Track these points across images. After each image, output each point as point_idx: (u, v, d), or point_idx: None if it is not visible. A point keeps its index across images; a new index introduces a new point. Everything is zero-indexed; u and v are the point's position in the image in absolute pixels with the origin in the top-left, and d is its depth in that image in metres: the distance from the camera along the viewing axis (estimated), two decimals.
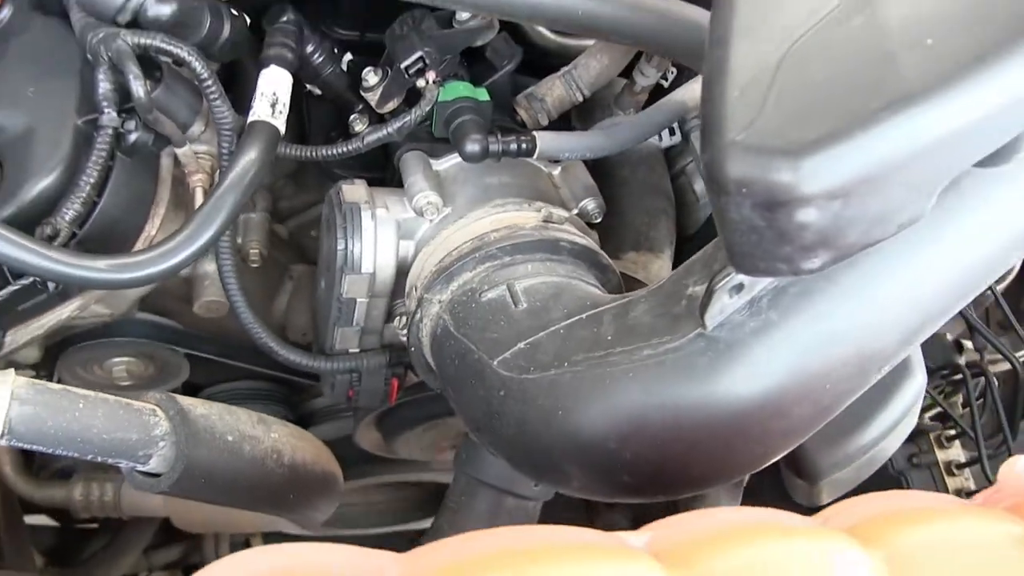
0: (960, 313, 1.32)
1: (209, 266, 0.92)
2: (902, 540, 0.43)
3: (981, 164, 0.60)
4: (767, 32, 0.55)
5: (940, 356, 1.37)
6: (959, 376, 1.32)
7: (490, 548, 0.38)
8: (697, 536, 0.42)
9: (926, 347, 1.43)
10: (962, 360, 1.37)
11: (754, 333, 0.62)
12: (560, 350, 0.68)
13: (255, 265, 0.98)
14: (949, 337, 1.40)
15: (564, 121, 0.97)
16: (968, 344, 1.39)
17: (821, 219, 0.51)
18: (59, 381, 0.78)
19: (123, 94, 0.72)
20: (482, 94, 0.84)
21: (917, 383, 0.85)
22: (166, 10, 0.74)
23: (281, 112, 0.78)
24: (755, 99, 0.52)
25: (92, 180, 0.71)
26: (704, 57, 0.57)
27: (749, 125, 0.52)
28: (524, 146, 0.80)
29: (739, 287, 0.61)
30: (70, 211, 0.69)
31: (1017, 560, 0.43)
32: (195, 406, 0.69)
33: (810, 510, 0.56)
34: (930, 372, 1.35)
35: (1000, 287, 1.45)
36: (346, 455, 0.96)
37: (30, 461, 1.14)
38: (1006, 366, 1.33)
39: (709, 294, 0.61)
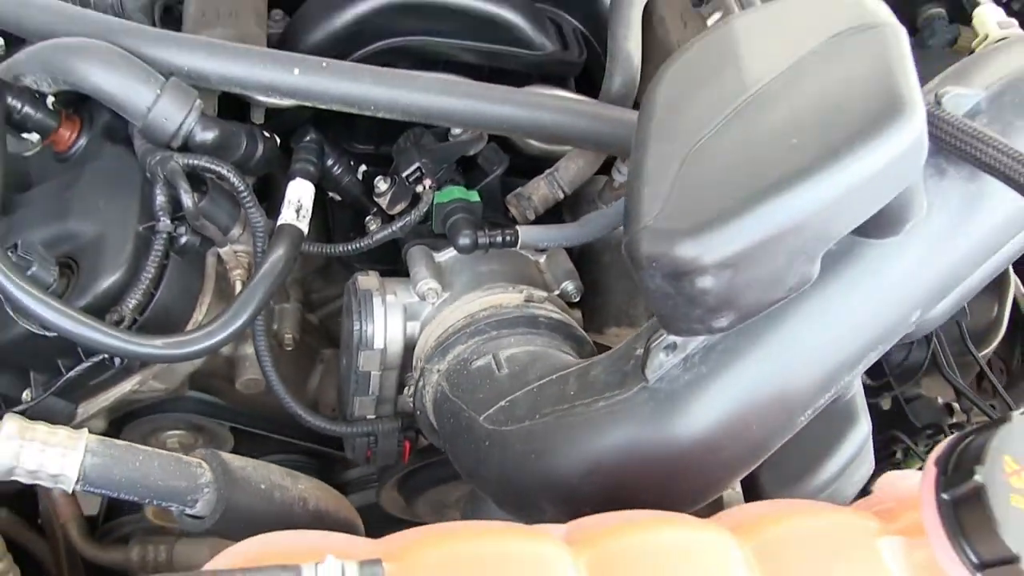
0: (945, 377, 1.43)
1: (248, 348, 1.07)
2: (770, 531, 0.55)
3: (874, 236, 0.73)
4: (674, 137, 0.70)
5: (930, 417, 1.46)
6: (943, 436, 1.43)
7: (433, 531, 0.51)
8: (603, 526, 0.54)
9: (918, 409, 1.53)
10: (951, 421, 1.47)
11: (688, 385, 0.75)
12: (533, 405, 0.81)
13: (289, 348, 1.13)
14: (940, 400, 1.50)
15: (555, 215, 1.12)
16: (957, 407, 1.49)
17: (718, 285, 0.65)
18: None
19: (175, 205, 0.88)
20: (473, 196, 0.99)
21: (862, 430, 0.96)
22: (209, 136, 0.90)
23: (304, 216, 0.93)
24: (662, 192, 0.67)
25: (150, 276, 0.86)
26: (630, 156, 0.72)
27: (657, 213, 0.66)
28: (508, 239, 0.95)
29: (673, 346, 0.74)
30: (132, 301, 0.85)
31: (864, 545, 0.55)
32: (234, 460, 0.83)
33: None
34: (918, 431, 1.46)
35: (988, 351, 1.55)
36: (373, 520, 1.08)
37: (94, 528, 1.28)
38: None
39: (647, 352, 0.75)
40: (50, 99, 0.93)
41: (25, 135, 0.94)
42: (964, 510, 0.52)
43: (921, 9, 1.49)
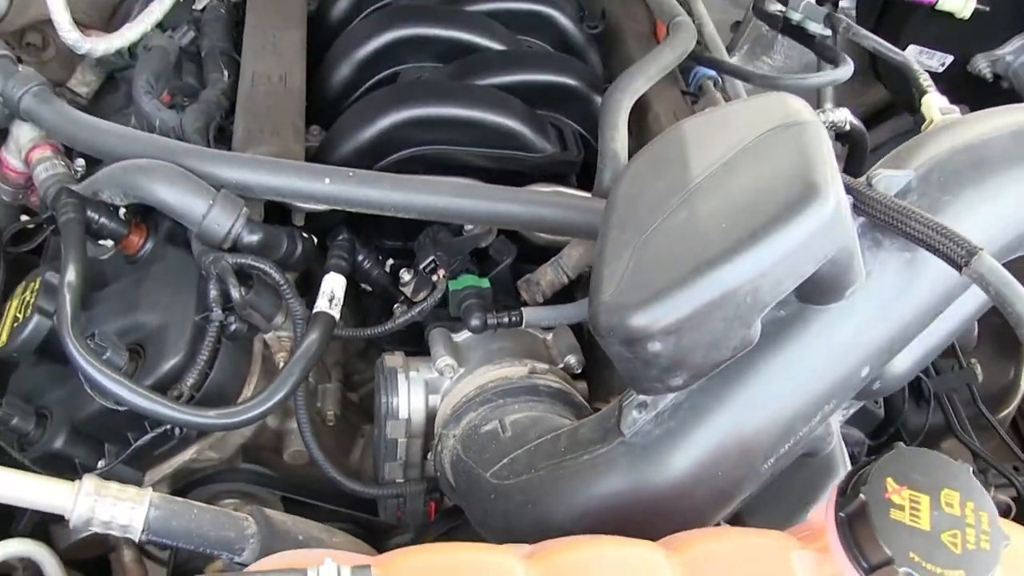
0: (960, 440, 1.50)
1: (294, 423, 1.20)
2: (698, 548, 0.66)
3: (820, 302, 0.85)
4: (630, 227, 0.83)
5: None
6: None
7: (416, 547, 0.63)
8: (558, 543, 0.66)
9: None
10: None
11: (660, 438, 0.86)
12: (530, 461, 0.93)
13: (331, 424, 1.26)
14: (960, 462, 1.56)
15: (566, 296, 1.25)
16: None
17: (666, 349, 0.77)
18: None
19: (226, 297, 1.04)
20: (484, 283, 1.13)
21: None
22: (254, 238, 1.06)
23: (337, 305, 1.08)
24: (619, 272, 0.80)
25: (205, 358, 1.01)
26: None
27: (613, 290, 0.79)
28: (514, 319, 1.09)
29: (644, 404, 0.86)
30: (190, 380, 1.00)
31: (780, 560, 0.66)
32: (276, 515, 0.96)
33: None
34: None
35: (1007, 412, 1.61)
36: None
37: None
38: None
39: (620, 410, 0.87)
40: (122, 210, 1.10)
41: (101, 242, 1.11)
42: (855, 524, 0.63)
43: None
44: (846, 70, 1.26)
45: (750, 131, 0.83)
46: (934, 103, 1.17)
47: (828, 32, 1.28)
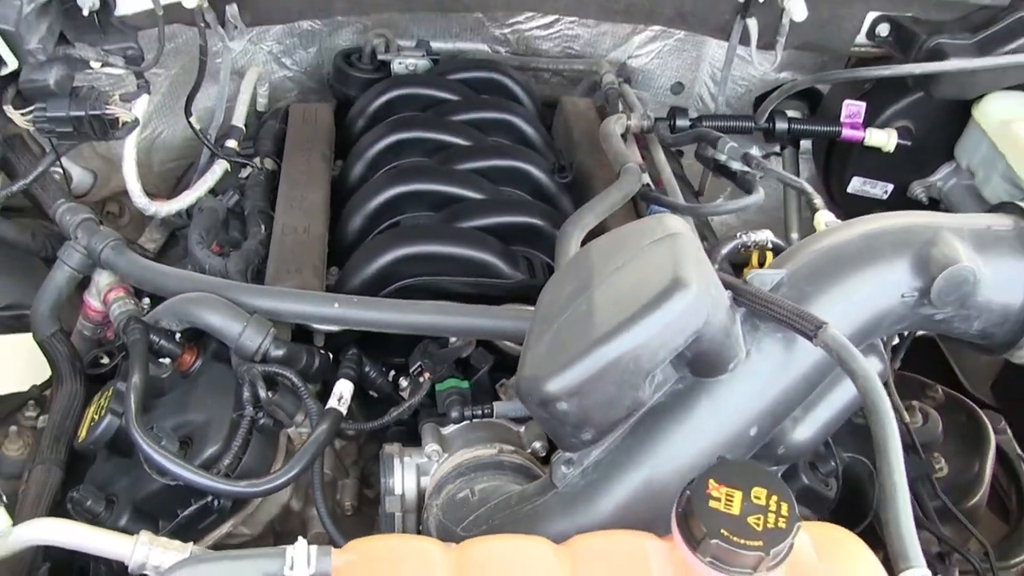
0: (927, 529, 1.67)
1: (315, 511, 1.45)
2: (581, 545, 0.89)
3: (708, 375, 1.09)
4: (547, 319, 1.09)
5: None
6: None
7: (371, 537, 0.86)
8: (473, 540, 0.89)
9: None
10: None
11: (585, 489, 1.09)
12: (490, 516, 1.17)
13: (349, 514, 1.50)
14: (934, 549, 1.71)
15: None
16: None
17: (572, 408, 1.01)
18: None
19: (257, 399, 1.31)
20: (464, 384, 1.39)
21: None
22: (280, 352, 1.34)
23: (344, 403, 1.34)
24: (537, 353, 1.05)
25: (239, 445, 1.28)
26: None
27: (532, 365, 1.04)
28: (486, 412, 1.34)
29: (570, 461, 1.10)
30: (226, 461, 1.26)
31: (639, 552, 0.88)
32: None
33: None
34: None
35: (974, 502, 1.76)
36: None
37: None
38: None
39: (552, 467, 1.11)
40: (178, 335, 1.39)
41: (162, 360, 1.40)
42: (686, 514, 0.85)
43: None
44: (758, 197, 1.54)
45: (637, 243, 1.10)
46: (822, 218, 1.44)
47: (747, 168, 1.57)
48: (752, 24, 1.63)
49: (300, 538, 0.85)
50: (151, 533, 1.12)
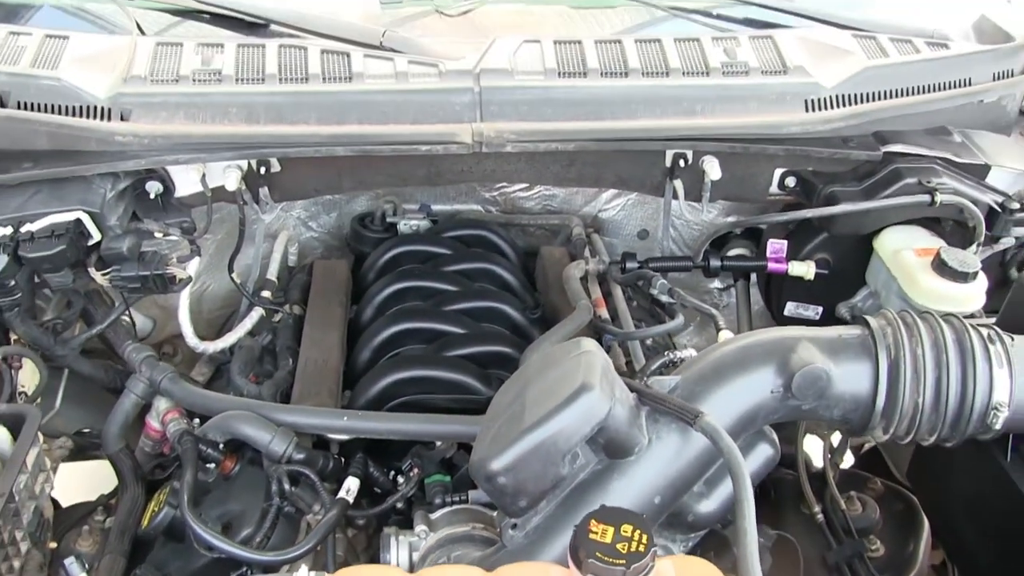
0: None
1: None
2: (504, 571, 1.22)
3: (618, 456, 1.42)
4: (494, 418, 1.44)
5: None
6: None
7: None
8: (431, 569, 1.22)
9: None
10: None
11: (527, 546, 1.41)
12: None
13: None
14: None
15: None
16: None
17: (508, 481, 1.35)
18: None
19: (282, 492, 1.66)
20: (447, 479, 1.74)
21: None
22: (301, 456, 1.70)
23: (351, 494, 1.69)
24: (484, 443, 1.40)
25: (267, 528, 1.63)
26: None
27: (479, 450, 1.39)
28: (462, 499, 1.68)
29: (514, 525, 1.43)
30: (257, 540, 1.61)
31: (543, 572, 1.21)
32: None
33: None
34: None
35: None
36: None
37: None
38: None
39: (501, 530, 1.44)
40: (221, 445, 1.76)
41: (208, 465, 1.76)
42: (575, 544, 1.17)
43: None
44: (679, 321, 1.91)
45: (560, 359, 1.46)
46: (722, 336, 1.79)
47: (673, 300, 1.94)
48: (679, 184, 2.02)
49: (303, 566, 1.20)
50: None
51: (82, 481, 2.20)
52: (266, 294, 2.19)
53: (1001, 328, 1.53)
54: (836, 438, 2.25)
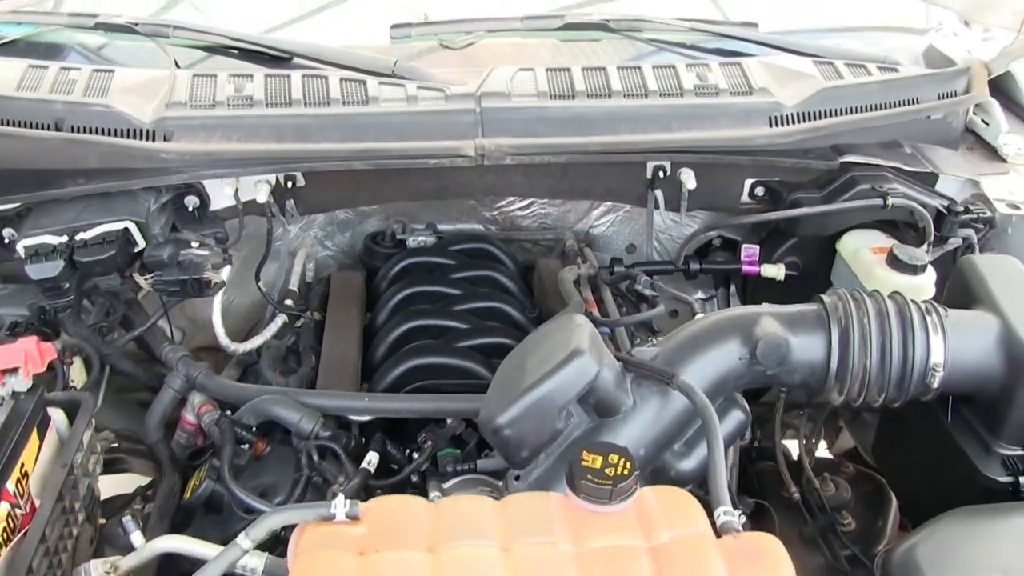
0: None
1: None
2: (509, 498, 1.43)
3: (608, 415, 1.64)
4: (500, 380, 1.65)
5: None
6: None
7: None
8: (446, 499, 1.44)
9: None
10: None
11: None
12: None
13: None
14: None
15: None
16: None
17: (511, 434, 1.57)
18: None
19: (311, 464, 1.87)
20: (457, 452, 1.94)
21: None
22: (327, 434, 1.91)
23: (372, 465, 1.89)
24: (492, 400, 1.62)
25: (299, 494, 1.83)
26: None
27: (487, 408, 1.61)
28: (471, 467, 1.89)
29: (517, 476, 1.64)
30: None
31: (541, 501, 1.42)
32: None
33: None
34: None
35: (881, 548, 2.23)
36: None
37: None
38: None
39: (505, 480, 1.65)
40: (253, 428, 1.97)
41: (241, 447, 1.97)
42: (571, 471, 1.38)
43: None
44: (660, 310, 2.15)
45: (557, 331, 1.68)
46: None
47: (655, 293, 2.19)
48: (659, 194, 2.27)
49: (339, 494, 1.40)
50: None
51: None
52: (288, 302, 2.41)
53: (945, 306, 1.76)
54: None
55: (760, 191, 2.33)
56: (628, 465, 1.38)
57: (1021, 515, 1.54)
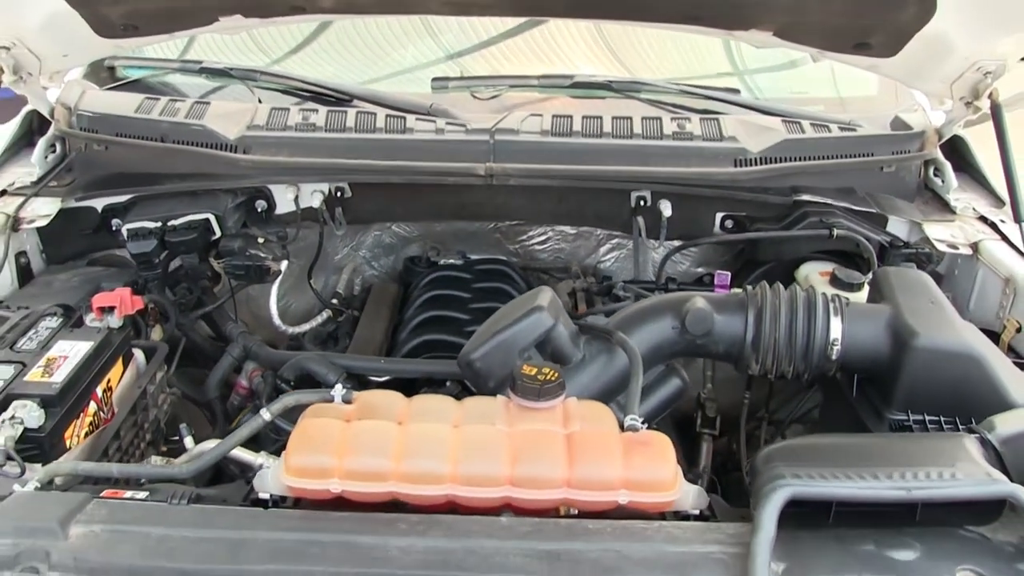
0: None
1: None
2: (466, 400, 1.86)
3: (560, 363, 2.06)
4: (479, 330, 2.10)
5: None
6: None
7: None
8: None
9: None
10: None
11: None
12: None
13: None
14: None
15: None
16: None
17: (481, 367, 2.00)
18: None
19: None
20: None
21: None
22: (349, 385, 2.38)
23: None
24: (471, 342, 2.06)
25: None
26: None
27: (467, 347, 2.05)
28: None
29: None
30: None
31: (504, 407, 1.85)
32: None
33: None
34: None
35: None
36: None
37: None
38: None
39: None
40: (292, 382, 2.44)
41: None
42: (514, 378, 1.82)
43: None
44: (629, 303, 2.58)
45: (527, 295, 2.13)
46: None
47: (628, 294, 2.63)
48: (641, 221, 2.73)
49: (338, 384, 1.86)
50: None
51: None
52: (334, 302, 2.91)
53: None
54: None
55: (729, 223, 2.77)
56: (555, 375, 1.80)
57: (858, 437, 1.90)
